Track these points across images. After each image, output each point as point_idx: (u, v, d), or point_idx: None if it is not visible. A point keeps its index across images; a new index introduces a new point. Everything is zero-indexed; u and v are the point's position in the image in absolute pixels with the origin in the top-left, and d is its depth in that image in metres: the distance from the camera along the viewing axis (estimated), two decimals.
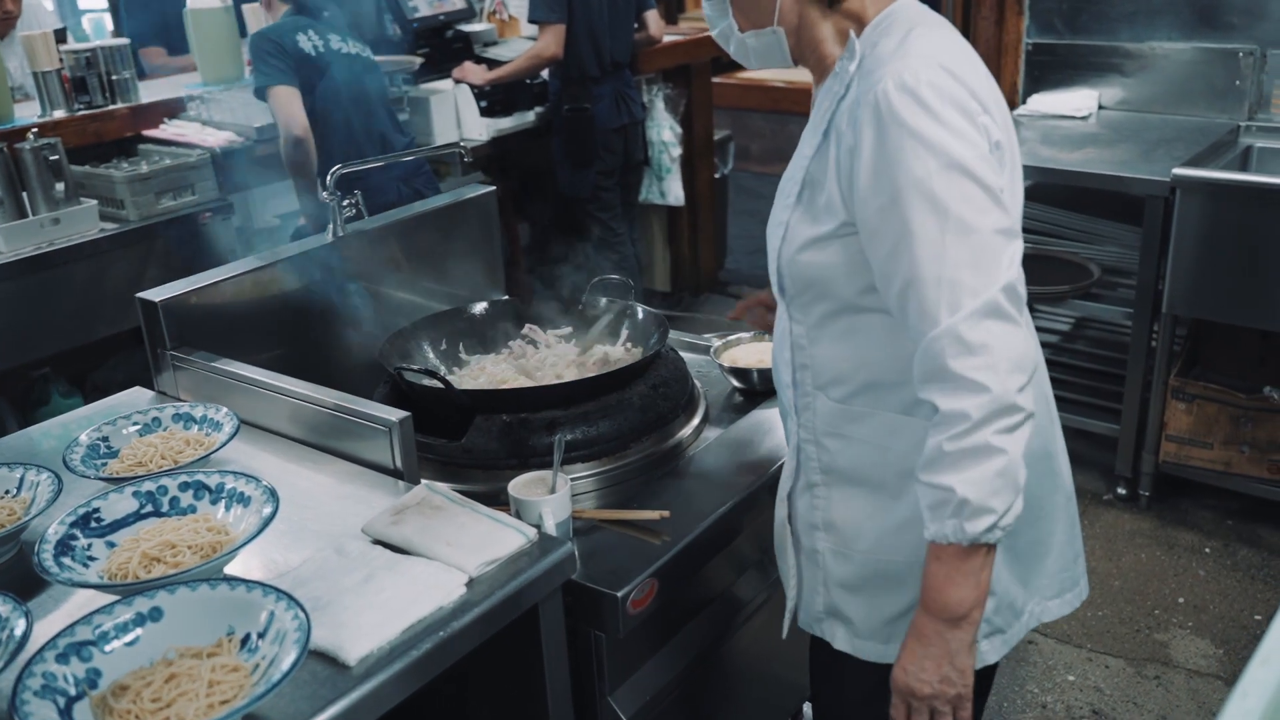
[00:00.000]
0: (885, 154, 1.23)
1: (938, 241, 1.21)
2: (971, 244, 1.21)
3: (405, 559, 1.39)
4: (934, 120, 1.22)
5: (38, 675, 1.11)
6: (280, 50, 3.20)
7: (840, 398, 1.43)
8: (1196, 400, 3.15)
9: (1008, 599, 1.47)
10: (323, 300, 2.15)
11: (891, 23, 1.33)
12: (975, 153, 1.23)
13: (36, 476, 1.55)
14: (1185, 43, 3.62)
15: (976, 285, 1.20)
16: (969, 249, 1.21)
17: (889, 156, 1.23)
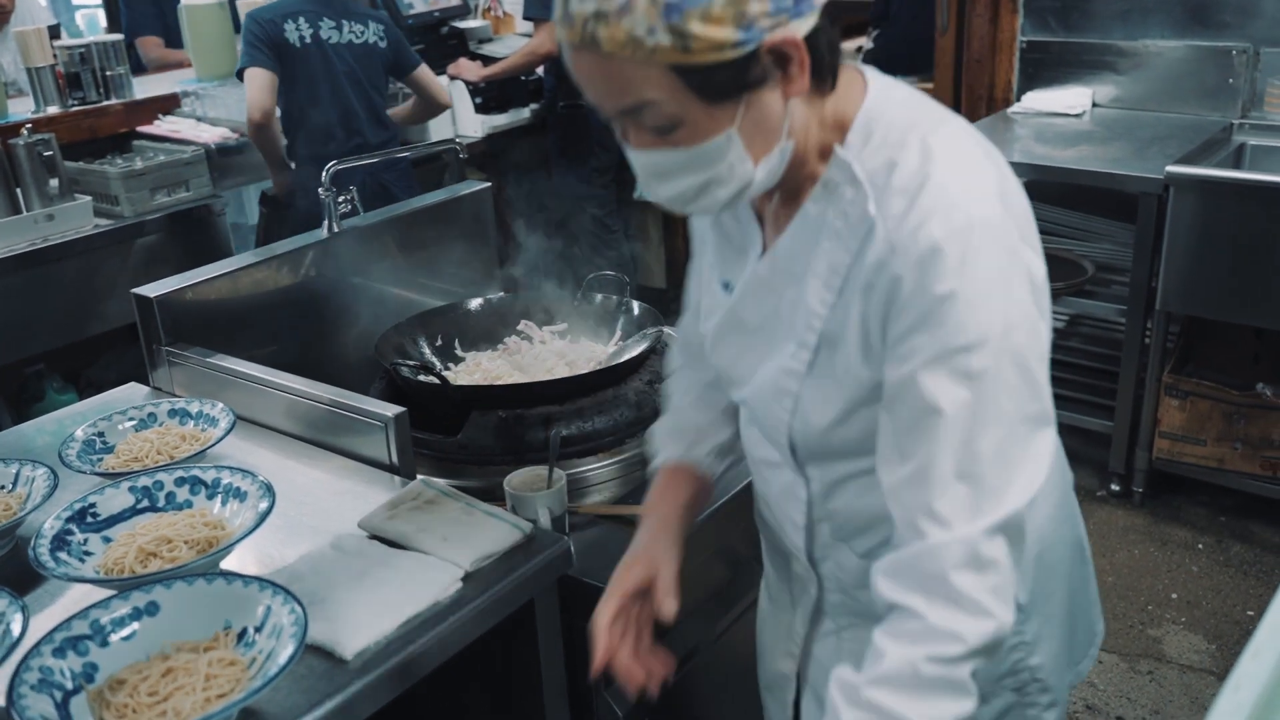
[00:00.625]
0: (926, 324, 1.01)
1: (968, 428, 1.01)
2: (1003, 439, 1.02)
3: (401, 554, 1.40)
4: (986, 293, 1.00)
5: (35, 670, 1.12)
6: (263, 35, 3.20)
7: (867, 550, 1.23)
8: (1190, 397, 3.16)
9: (1063, 696, 1.37)
10: (318, 296, 2.16)
11: (887, 131, 1.07)
12: (1028, 326, 1.03)
13: (32, 472, 1.55)
14: (1179, 40, 3.63)
15: (1002, 491, 1.02)
16: (999, 444, 1.02)
17: (930, 328, 1.01)
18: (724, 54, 0.96)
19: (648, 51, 0.95)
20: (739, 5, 0.95)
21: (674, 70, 0.97)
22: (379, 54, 3.40)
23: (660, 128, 1.02)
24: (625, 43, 0.95)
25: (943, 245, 0.99)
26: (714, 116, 1.01)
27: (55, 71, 3.54)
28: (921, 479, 1.03)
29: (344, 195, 2.22)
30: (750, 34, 0.96)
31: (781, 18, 0.97)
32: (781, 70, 1.01)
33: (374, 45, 3.39)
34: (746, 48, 0.96)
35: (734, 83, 0.99)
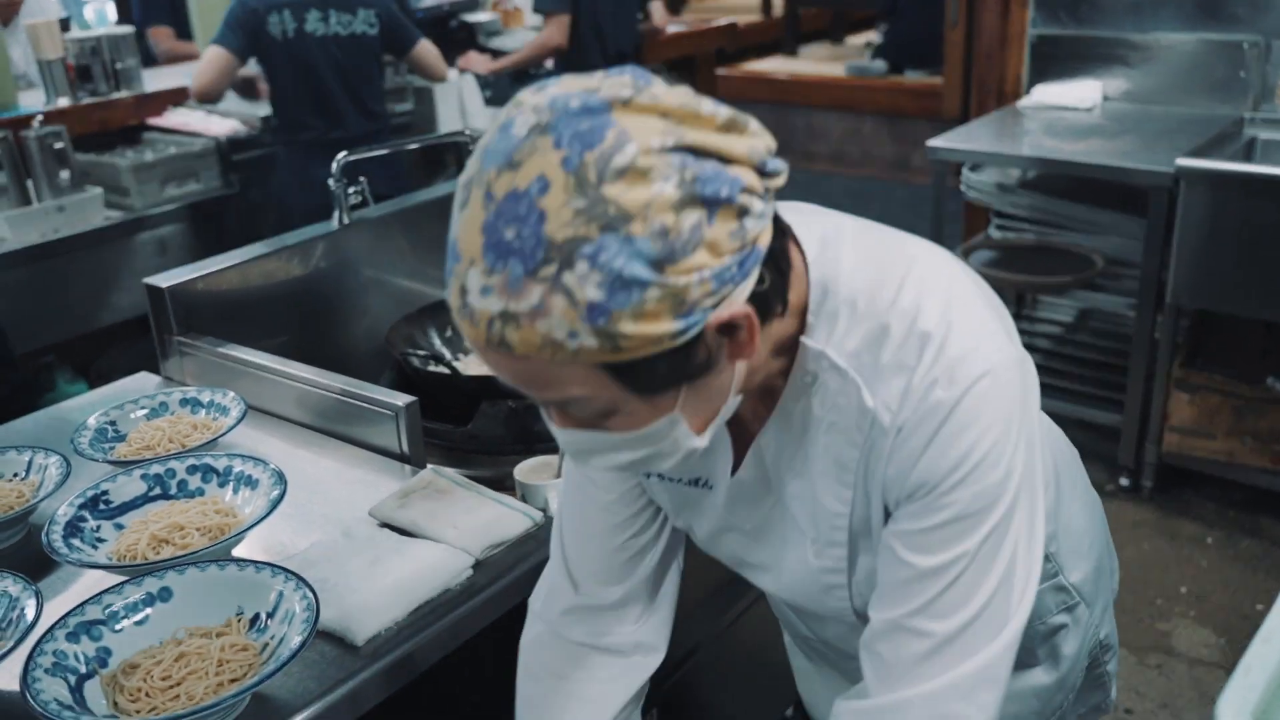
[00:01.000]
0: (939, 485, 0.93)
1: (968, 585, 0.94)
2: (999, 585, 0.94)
3: (412, 542, 1.40)
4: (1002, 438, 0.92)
5: (48, 654, 1.12)
6: (244, 20, 3.19)
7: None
8: (1200, 391, 3.15)
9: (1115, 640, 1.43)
10: (328, 287, 2.16)
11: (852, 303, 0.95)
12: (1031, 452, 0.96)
13: (45, 459, 1.56)
14: (1189, 34, 3.62)
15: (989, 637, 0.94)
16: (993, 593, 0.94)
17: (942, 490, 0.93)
18: (661, 346, 0.80)
19: (570, 354, 0.79)
20: (677, 295, 0.78)
21: (604, 368, 0.82)
22: (369, 43, 3.35)
23: (591, 418, 0.89)
24: (542, 346, 0.79)
25: (953, 409, 0.91)
26: (654, 405, 0.87)
27: (66, 64, 3.55)
28: (902, 630, 0.96)
29: (355, 187, 2.23)
30: (691, 319, 0.80)
31: (726, 290, 0.81)
32: (729, 338, 0.86)
33: (363, 35, 3.33)
34: (688, 335, 0.81)
35: (676, 373, 0.85)
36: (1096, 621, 1.32)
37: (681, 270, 0.78)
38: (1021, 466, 0.94)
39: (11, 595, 1.24)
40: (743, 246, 0.82)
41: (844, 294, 0.95)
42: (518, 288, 0.77)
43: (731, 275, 0.81)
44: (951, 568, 0.93)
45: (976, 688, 0.94)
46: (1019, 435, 0.94)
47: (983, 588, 0.93)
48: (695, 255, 0.78)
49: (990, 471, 0.92)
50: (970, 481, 0.92)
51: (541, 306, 0.77)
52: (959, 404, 0.91)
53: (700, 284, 0.79)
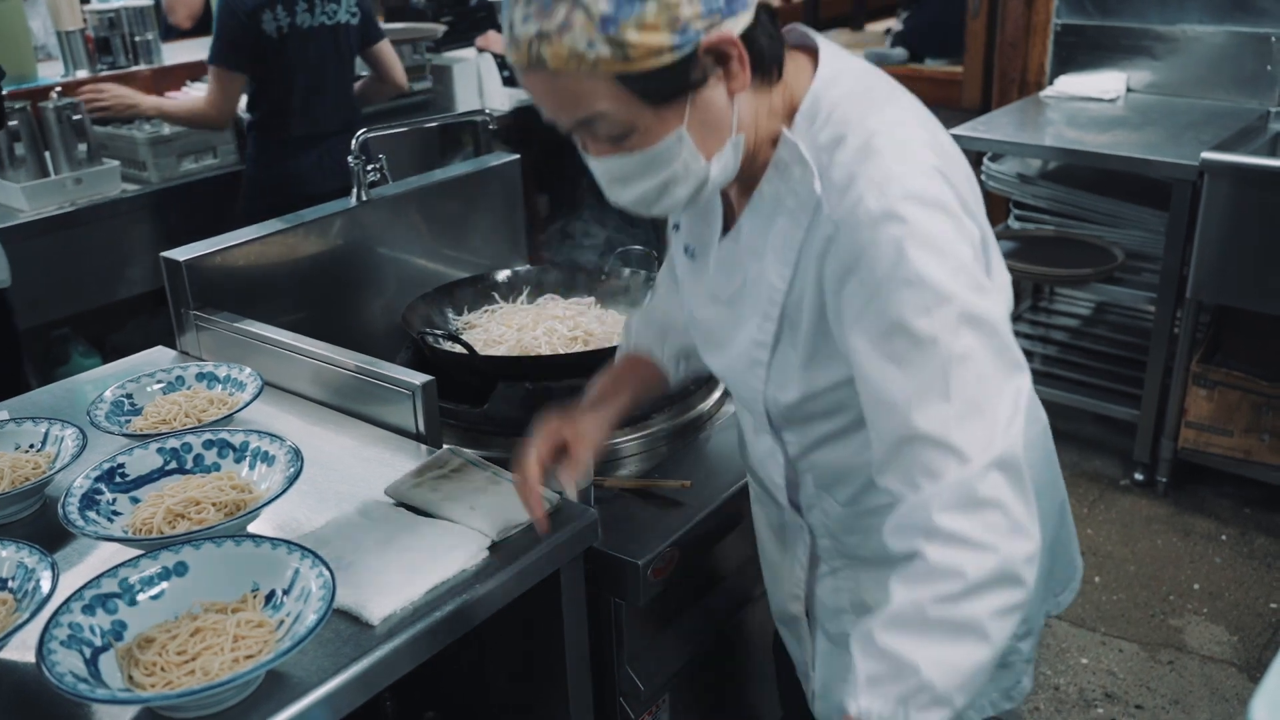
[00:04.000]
0: (879, 293, 1.05)
1: (938, 387, 1.03)
2: (975, 393, 1.03)
3: (428, 522, 1.39)
4: (932, 256, 1.03)
5: (64, 626, 1.12)
6: (242, 32, 3.03)
7: (848, 499, 1.31)
8: (1218, 387, 3.13)
9: (1038, 625, 1.45)
10: (345, 264, 2.15)
11: (831, 110, 1.12)
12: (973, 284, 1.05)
13: (61, 431, 1.55)
14: (1216, 26, 3.58)
15: (985, 436, 1.03)
16: (972, 397, 1.03)
17: (883, 296, 1.05)
18: (662, 59, 1.02)
19: (590, 64, 1.01)
20: (671, 10, 1.00)
21: (619, 80, 1.03)
22: (351, 32, 3.26)
23: (614, 136, 1.09)
24: (569, 58, 1.01)
25: (880, 218, 1.04)
26: (663, 119, 1.07)
27: (85, 36, 3.55)
28: (906, 447, 1.06)
29: (373, 164, 2.22)
30: (685, 37, 1.02)
31: (714, 18, 1.03)
32: (722, 68, 1.06)
33: (346, 25, 3.23)
34: (684, 50, 1.02)
35: (676, 85, 1.05)
36: None
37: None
38: (953, 282, 1.03)
39: (28, 567, 1.23)
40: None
41: (827, 103, 1.13)
42: (548, 8, 1.00)
43: (718, 7, 1.02)
44: (924, 371, 1.04)
45: (992, 469, 1.02)
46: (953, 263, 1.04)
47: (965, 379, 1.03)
48: None
49: (922, 284, 1.03)
50: (905, 289, 1.03)
51: (566, 23, 0.99)
52: (885, 217, 1.04)
53: (690, 4, 1.00)
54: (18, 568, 1.24)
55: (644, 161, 1.10)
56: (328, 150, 3.19)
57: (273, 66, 3.09)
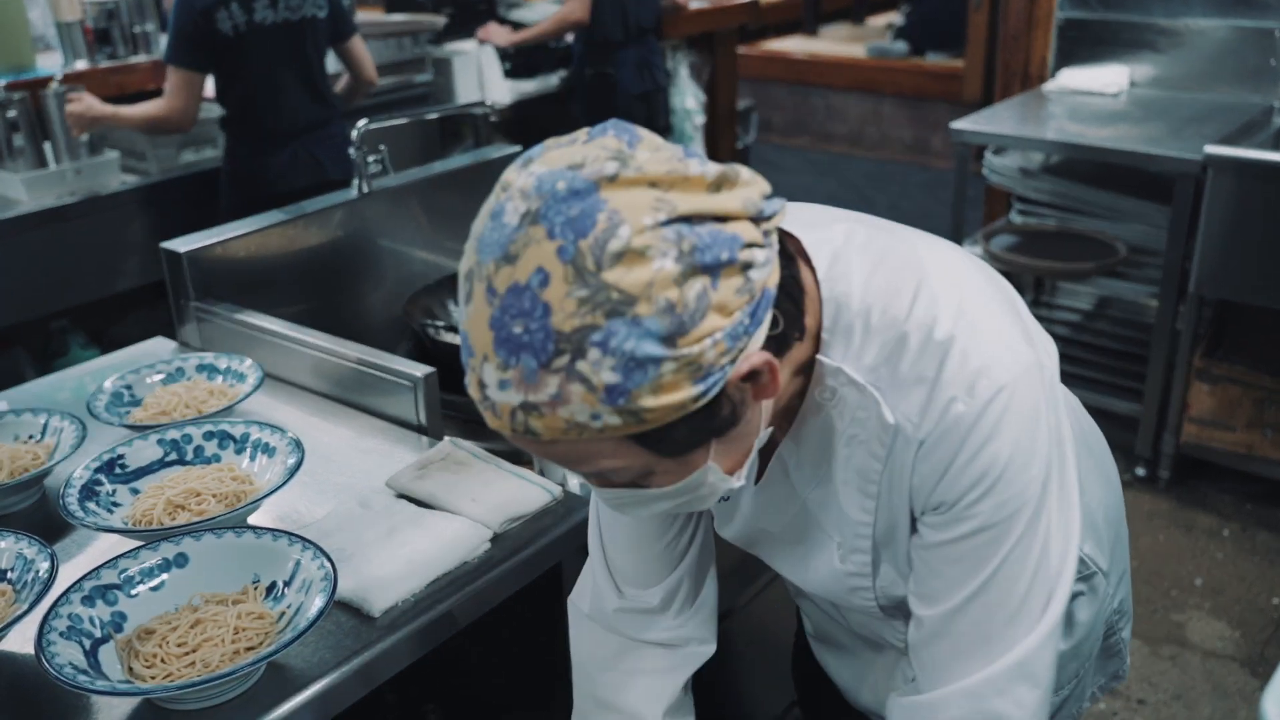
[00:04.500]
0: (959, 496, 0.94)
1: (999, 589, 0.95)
2: (1031, 585, 0.95)
3: (429, 513, 1.39)
4: (1026, 446, 0.93)
5: (64, 617, 1.11)
6: (195, 31, 2.95)
7: None
8: (1221, 382, 3.12)
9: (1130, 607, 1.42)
10: (346, 256, 2.14)
11: (866, 317, 0.95)
12: (1060, 456, 0.97)
13: (60, 422, 1.55)
14: (1220, 20, 3.57)
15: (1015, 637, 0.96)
16: (1025, 594, 0.95)
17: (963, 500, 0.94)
18: (685, 410, 0.81)
19: (595, 432, 0.80)
20: (693, 363, 0.79)
21: (631, 439, 0.83)
22: (319, 26, 3.17)
23: (631, 482, 0.92)
24: (567, 429, 0.80)
25: (976, 422, 0.91)
26: (686, 463, 0.89)
27: (84, 27, 3.53)
28: (943, 634, 0.98)
29: (375, 155, 2.21)
30: (711, 380, 0.81)
31: (740, 343, 0.82)
32: (752, 383, 0.86)
33: (313, 19, 3.15)
34: (710, 394, 0.81)
35: (703, 432, 0.86)
36: (1112, 590, 1.31)
37: (694, 340, 0.78)
38: (1047, 464, 0.94)
39: (27, 557, 1.23)
40: (751, 298, 0.82)
41: (857, 308, 0.95)
42: (534, 380, 0.78)
43: (745, 328, 0.82)
44: (982, 572, 0.94)
45: (1014, 682, 0.95)
46: (1045, 436, 0.94)
47: (1016, 588, 0.94)
48: (705, 322, 0.78)
49: (1014, 481, 0.92)
50: (994, 493, 0.92)
51: (560, 395, 0.77)
52: (981, 418, 0.91)
53: (714, 346, 0.79)
54: (17, 558, 1.23)
55: (662, 494, 0.92)
56: (301, 146, 3.15)
57: (233, 65, 3.03)
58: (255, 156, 3.15)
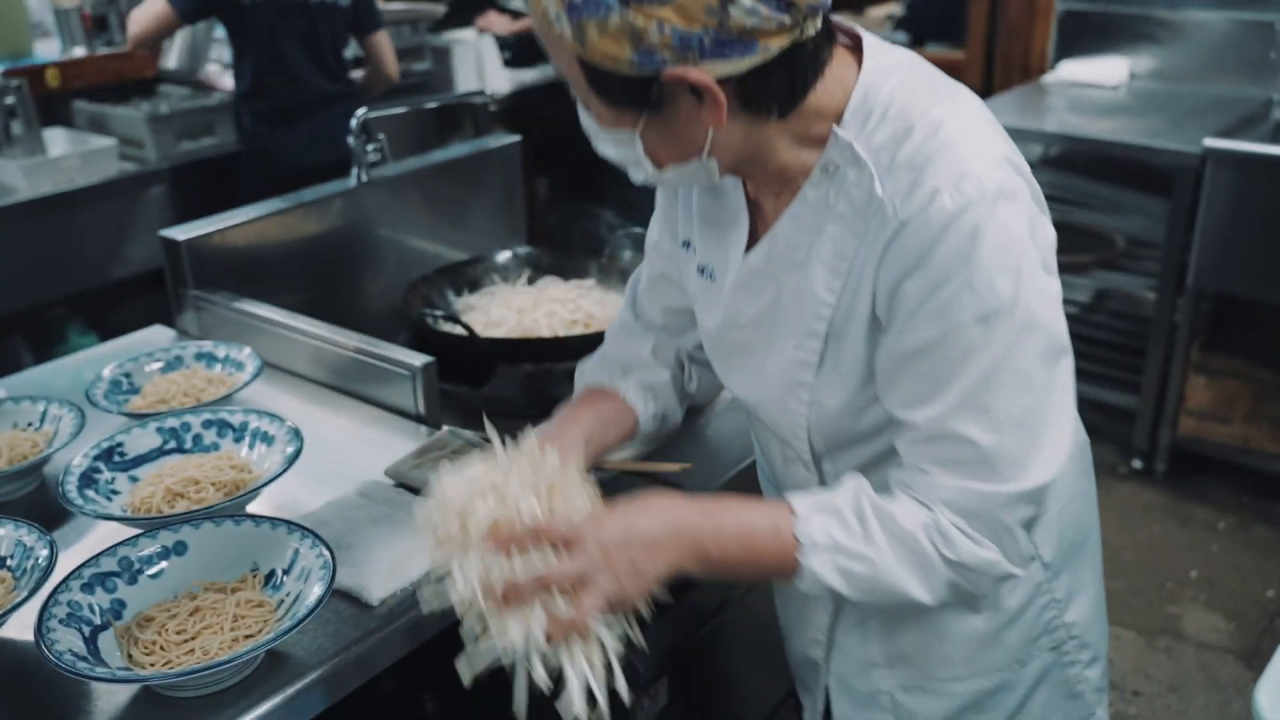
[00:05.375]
0: (939, 292, 0.99)
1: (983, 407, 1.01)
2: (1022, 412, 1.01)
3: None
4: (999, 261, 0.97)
5: (63, 604, 1.11)
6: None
7: None
8: (1218, 376, 3.12)
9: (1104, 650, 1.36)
10: (345, 245, 2.14)
11: (887, 107, 1.03)
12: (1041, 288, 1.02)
13: (59, 410, 1.55)
14: (1220, 13, 3.56)
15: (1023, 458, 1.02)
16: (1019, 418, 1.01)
17: (943, 298, 0.99)
18: (620, 67, 0.96)
19: (556, 35, 0.97)
20: (635, 30, 0.93)
21: (578, 61, 0.98)
22: (337, 12, 3.22)
23: (579, 98, 1.05)
24: (541, 18, 0.97)
25: (956, 217, 0.97)
26: (617, 116, 1.02)
27: (82, 13, 3.52)
28: (937, 435, 1.03)
29: (373, 145, 2.20)
30: (648, 60, 0.95)
31: (689, 54, 0.94)
32: (697, 99, 0.98)
33: (334, 5, 3.19)
34: (644, 71, 0.96)
35: (631, 97, 0.99)
36: (1058, 596, 1.26)
37: (644, 13, 0.92)
38: (1024, 302, 0.99)
39: (26, 545, 1.23)
40: (721, 27, 0.93)
41: (881, 100, 1.04)
42: None
43: (700, 46, 0.94)
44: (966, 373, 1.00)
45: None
46: (1023, 270, 0.98)
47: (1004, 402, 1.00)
48: (661, 9, 0.92)
49: (989, 290, 0.97)
50: (971, 292, 0.97)
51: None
52: (961, 215, 0.97)
53: (661, 33, 0.93)
54: (16, 546, 1.24)
55: (600, 132, 1.06)
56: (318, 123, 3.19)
57: (245, 33, 3.07)
58: (273, 133, 3.17)
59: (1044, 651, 1.27)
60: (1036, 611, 1.25)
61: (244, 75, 3.15)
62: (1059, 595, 1.27)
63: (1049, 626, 1.27)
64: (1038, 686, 1.28)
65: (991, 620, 1.23)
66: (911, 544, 1.03)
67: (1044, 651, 1.27)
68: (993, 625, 1.23)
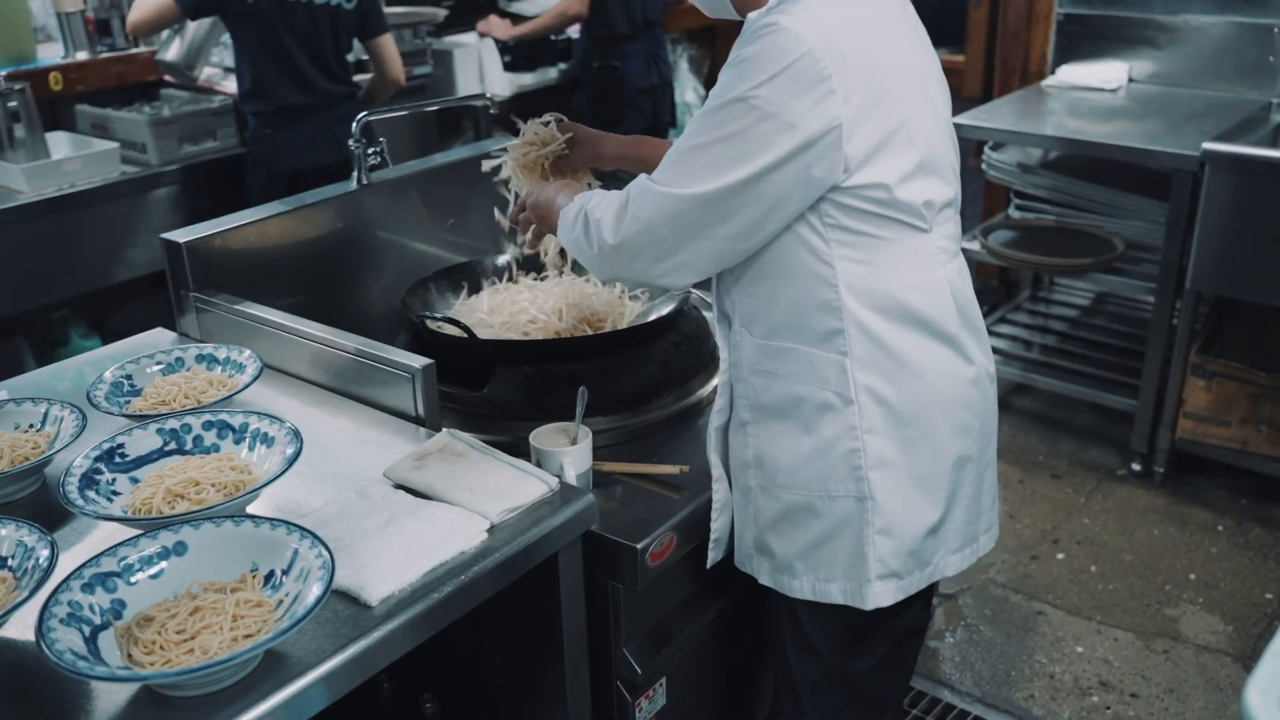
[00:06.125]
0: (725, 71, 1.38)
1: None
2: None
3: (427, 504, 1.40)
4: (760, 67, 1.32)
5: (64, 604, 1.12)
6: None
7: (761, 335, 1.47)
8: (1216, 378, 3.13)
9: (911, 541, 1.48)
10: (345, 248, 2.15)
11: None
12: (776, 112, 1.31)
13: (60, 411, 1.56)
14: (1218, 17, 3.57)
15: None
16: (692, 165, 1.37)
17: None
18: None
19: None
20: None
21: None
22: (343, 16, 3.23)
23: None
24: None
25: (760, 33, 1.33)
26: None
27: (85, 17, 3.53)
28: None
29: (374, 147, 2.21)
30: None
31: None
32: None
33: (338, 7, 3.20)
34: None
35: None
36: (868, 449, 1.43)
37: None
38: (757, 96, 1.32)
39: (27, 545, 1.24)
40: None
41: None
42: None
43: None
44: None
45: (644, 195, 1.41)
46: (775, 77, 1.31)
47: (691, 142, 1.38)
48: None
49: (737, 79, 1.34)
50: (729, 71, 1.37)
51: None
52: (765, 30, 1.32)
53: None
54: (17, 546, 1.24)
55: None
56: (321, 124, 3.20)
57: (248, 35, 3.08)
58: (276, 134, 3.18)
59: (848, 497, 1.45)
60: (845, 452, 1.43)
61: (245, 75, 3.17)
62: (870, 450, 1.43)
63: (854, 471, 1.44)
64: (839, 530, 1.47)
65: (811, 442, 1.45)
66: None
67: (848, 497, 1.45)
68: (810, 447, 1.45)
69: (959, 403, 1.48)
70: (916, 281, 1.42)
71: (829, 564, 1.49)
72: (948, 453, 1.48)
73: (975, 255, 3.51)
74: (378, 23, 3.34)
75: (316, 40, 3.16)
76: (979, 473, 1.55)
